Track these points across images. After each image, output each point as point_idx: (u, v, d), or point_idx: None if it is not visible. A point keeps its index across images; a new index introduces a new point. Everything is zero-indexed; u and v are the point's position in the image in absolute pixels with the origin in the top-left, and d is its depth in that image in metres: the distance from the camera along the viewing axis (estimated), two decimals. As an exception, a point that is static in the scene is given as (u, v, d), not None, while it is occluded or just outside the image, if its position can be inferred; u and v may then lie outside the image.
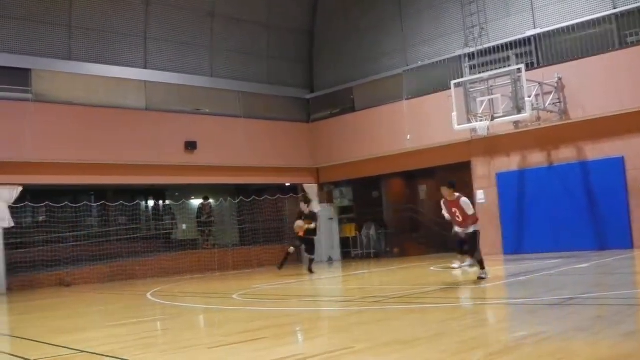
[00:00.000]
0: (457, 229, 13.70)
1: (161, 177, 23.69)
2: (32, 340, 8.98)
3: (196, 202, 28.35)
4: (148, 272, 22.79)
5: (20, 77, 21.05)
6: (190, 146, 23.86)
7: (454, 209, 13.41)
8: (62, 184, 21.89)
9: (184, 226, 28.06)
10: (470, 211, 13.27)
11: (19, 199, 20.68)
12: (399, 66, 24.76)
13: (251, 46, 26.72)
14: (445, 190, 13.47)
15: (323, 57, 28.29)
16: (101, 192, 24.52)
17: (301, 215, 20.09)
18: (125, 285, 19.84)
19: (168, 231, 27.25)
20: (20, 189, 20.47)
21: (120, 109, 22.81)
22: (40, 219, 23.18)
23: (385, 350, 6.50)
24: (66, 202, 22.26)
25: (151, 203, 28.85)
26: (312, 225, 19.96)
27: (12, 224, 20.36)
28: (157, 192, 28.12)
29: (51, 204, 21.96)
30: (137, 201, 25.27)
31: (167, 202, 28.70)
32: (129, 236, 24.68)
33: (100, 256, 22.94)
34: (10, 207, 20.33)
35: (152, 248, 24.96)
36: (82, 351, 7.58)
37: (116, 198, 24.08)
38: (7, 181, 20.20)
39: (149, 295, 15.41)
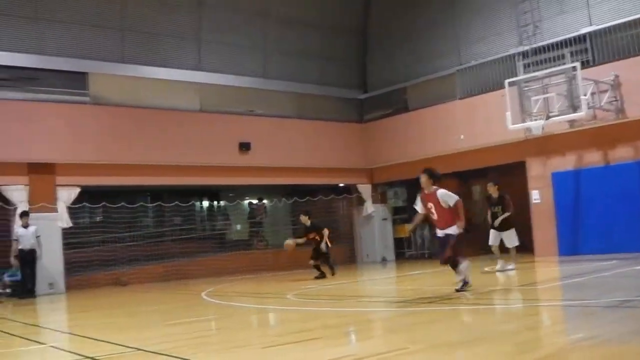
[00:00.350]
0: (437, 231, 11.85)
1: (215, 178, 23.88)
2: (89, 338, 9.12)
3: (250, 203, 28.51)
4: (202, 272, 22.98)
5: (77, 81, 21.49)
6: (244, 147, 24.03)
7: (429, 204, 11.64)
8: (118, 185, 22.22)
9: (238, 226, 28.26)
10: (451, 201, 11.37)
11: (77, 200, 21.06)
12: (452, 65, 24.57)
13: (304, 47, 26.76)
14: (422, 179, 11.65)
15: (376, 57, 28.21)
16: (157, 193, 24.81)
17: (306, 229, 19.46)
18: (179, 285, 20.05)
19: (222, 231, 27.46)
20: (78, 190, 20.84)
21: (175, 111, 23.09)
22: (97, 219, 23.54)
23: (440, 352, 6.47)
24: (122, 203, 22.58)
25: (206, 203, 29.10)
26: (318, 237, 19.11)
27: (71, 224, 20.72)
28: (212, 192, 28.36)
29: (108, 204, 22.30)
30: (191, 202, 25.53)
31: (221, 202, 28.93)
32: (183, 236, 24.94)
33: (155, 256, 23.23)
34: (68, 208, 20.71)
35: (206, 248, 25.21)
36: (138, 349, 7.68)
37: (171, 199, 24.33)
38: (66, 182, 20.59)
39: (203, 295, 15.54)
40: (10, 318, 13.87)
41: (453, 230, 11.50)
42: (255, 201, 28.20)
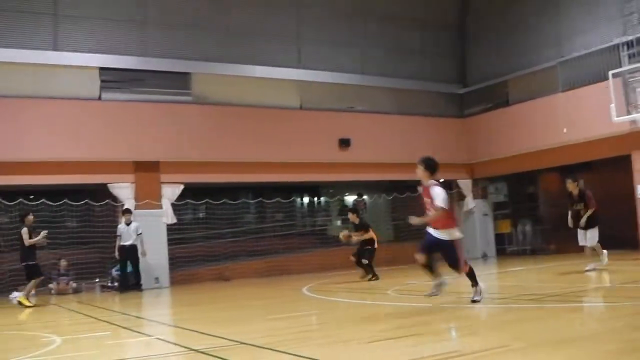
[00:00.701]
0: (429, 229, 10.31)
1: (315, 175, 24.04)
2: (194, 331, 9.31)
3: (350, 199, 28.57)
4: (303, 268, 23.14)
5: (180, 81, 22.05)
6: (344, 143, 24.11)
7: (426, 198, 10.34)
8: (220, 182, 22.62)
9: (339, 222, 28.36)
10: (439, 202, 9.91)
11: (181, 197, 21.56)
12: (553, 58, 23.95)
13: (402, 43, 26.60)
14: (418, 170, 10.28)
15: (475, 51, 27.81)
16: (258, 190, 25.12)
17: (355, 227, 18.73)
18: (281, 280, 20.25)
19: (323, 227, 27.60)
20: (182, 187, 21.34)
21: (275, 109, 23.37)
22: (200, 215, 24.05)
23: (543, 349, 6.32)
24: (225, 200, 22.97)
25: (306, 200, 29.31)
26: (367, 236, 18.38)
27: (175, 221, 21.23)
28: (312, 188, 28.52)
29: (210, 201, 22.71)
30: (292, 198, 25.76)
31: (322, 198, 29.08)
32: (284, 232, 25.19)
33: (256, 252, 23.55)
34: (172, 205, 21.21)
35: (306, 244, 25.38)
36: (242, 343, 7.80)
37: (273, 195, 24.60)
38: (170, 180, 21.12)
39: (304, 290, 15.67)
40: (118, 311, 14.33)
41: (447, 235, 10.09)
42: (353, 198, 28.21)
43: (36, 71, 20.15)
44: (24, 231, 15.71)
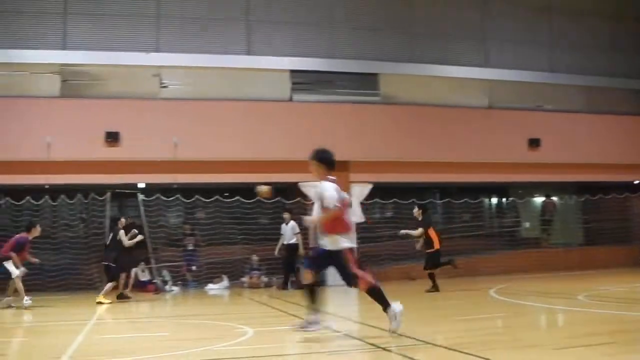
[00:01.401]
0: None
1: (503, 175, 23.67)
2: (381, 329, 9.48)
3: (539, 200, 27.92)
4: (490, 269, 22.82)
5: (368, 81, 22.45)
6: (534, 143, 23.58)
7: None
8: (408, 182, 22.76)
9: (527, 224, 27.78)
10: (328, 202, 8.57)
11: (369, 196, 21.89)
12: None
13: (591, 38, 25.64)
14: (311, 166, 9.17)
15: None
16: (445, 190, 25.06)
17: (417, 224, 17.70)
18: (468, 282, 20.11)
19: (511, 229, 27.14)
20: (371, 186, 21.67)
21: (463, 108, 23.26)
22: (388, 214, 24.29)
23: None
24: (412, 199, 23.07)
25: (494, 200, 28.91)
26: (416, 233, 17.45)
27: (363, 219, 21.58)
28: (500, 189, 28.08)
29: (398, 200, 22.91)
30: (480, 199, 25.50)
31: (510, 199, 28.57)
32: (472, 233, 24.97)
33: (444, 252, 23.41)
34: (361, 204, 21.58)
35: (494, 245, 25.05)
36: (428, 343, 7.91)
37: (460, 195, 24.45)
38: (359, 179, 21.48)
39: (491, 292, 15.53)
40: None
41: (333, 243, 8.61)
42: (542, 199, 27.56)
43: (232, 75, 21.28)
44: (122, 233, 16.70)
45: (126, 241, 16.81)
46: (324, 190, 8.69)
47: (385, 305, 8.55)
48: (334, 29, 22.43)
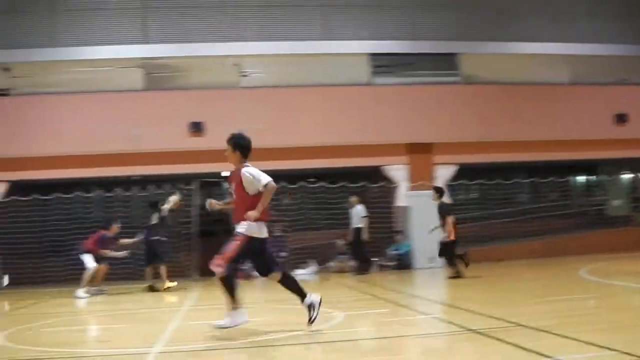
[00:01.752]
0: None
1: (589, 152, 23.06)
2: (470, 311, 9.47)
3: (628, 177, 27.21)
4: (579, 249, 22.34)
5: (448, 62, 22.32)
6: (621, 119, 22.94)
7: (233, 184, 8.38)
8: (493, 162, 22.42)
9: (616, 201, 27.12)
10: (260, 184, 7.97)
11: (454, 178, 21.72)
12: None
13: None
14: (226, 151, 8.52)
15: None
16: (532, 169, 24.64)
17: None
18: (556, 262, 19.78)
19: (599, 207, 26.56)
20: (455, 167, 21.50)
21: (544, 85, 22.87)
22: (473, 196, 24.10)
23: None
24: (498, 180, 22.83)
25: (582, 178, 28.29)
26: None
27: (449, 201, 21.42)
28: (588, 166, 27.45)
29: (484, 181, 22.69)
30: (567, 177, 25.01)
31: (599, 177, 27.92)
32: (560, 212, 24.51)
33: (530, 232, 23.13)
34: (446, 185, 21.42)
35: (583, 224, 24.54)
36: (519, 324, 7.84)
37: (547, 174, 23.99)
38: (443, 161, 21.37)
39: (581, 272, 15.26)
40: (395, 289, 14.85)
41: (242, 227, 8.06)
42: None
43: (310, 60, 21.42)
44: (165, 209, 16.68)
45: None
46: (251, 173, 8.09)
47: (232, 298, 8.09)
48: (412, 11, 22.32)
